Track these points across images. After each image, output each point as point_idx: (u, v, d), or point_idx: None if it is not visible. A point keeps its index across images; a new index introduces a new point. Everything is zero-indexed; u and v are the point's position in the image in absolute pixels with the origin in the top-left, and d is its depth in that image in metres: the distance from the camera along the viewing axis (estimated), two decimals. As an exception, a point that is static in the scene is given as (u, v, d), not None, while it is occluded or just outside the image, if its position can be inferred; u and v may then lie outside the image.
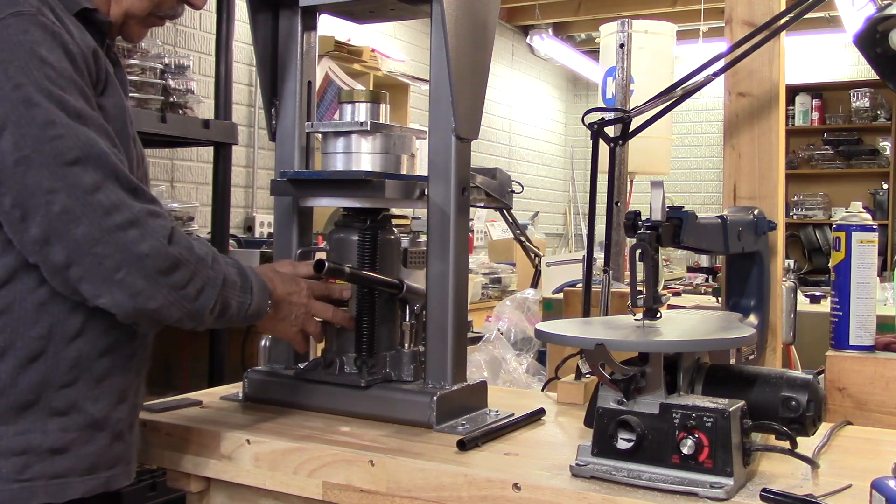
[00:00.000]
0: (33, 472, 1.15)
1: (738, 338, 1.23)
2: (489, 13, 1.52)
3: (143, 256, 1.11)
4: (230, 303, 1.24)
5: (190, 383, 3.42)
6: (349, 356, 1.51)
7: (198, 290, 1.18)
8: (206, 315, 1.22)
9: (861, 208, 1.80)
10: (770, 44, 1.62)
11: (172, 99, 3.12)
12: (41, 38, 1.11)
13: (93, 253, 1.09)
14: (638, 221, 1.27)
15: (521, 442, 1.37)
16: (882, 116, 8.23)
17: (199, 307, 1.19)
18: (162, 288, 1.14)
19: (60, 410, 1.17)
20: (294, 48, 1.62)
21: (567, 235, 9.31)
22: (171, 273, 1.14)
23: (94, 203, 1.09)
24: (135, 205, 1.12)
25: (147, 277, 1.12)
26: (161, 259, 1.12)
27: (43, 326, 1.16)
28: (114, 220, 1.10)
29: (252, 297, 1.28)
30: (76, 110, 1.11)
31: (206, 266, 1.19)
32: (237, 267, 1.28)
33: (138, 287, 1.12)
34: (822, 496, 1.08)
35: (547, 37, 8.16)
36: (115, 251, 1.10)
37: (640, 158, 2.84)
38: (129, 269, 1.11)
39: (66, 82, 1.12)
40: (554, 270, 2.76)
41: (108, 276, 1.10)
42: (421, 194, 1.49)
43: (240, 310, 1.27)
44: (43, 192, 1.08)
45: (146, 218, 1.13)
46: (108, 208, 1.10)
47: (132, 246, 1.11)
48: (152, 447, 1.43)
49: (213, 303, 1.21)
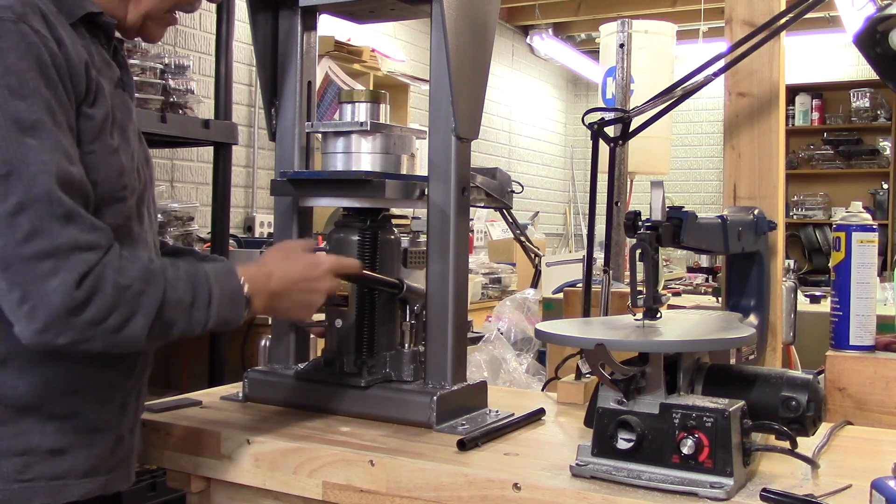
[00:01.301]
0: (34, 472, 1.15)
1: (738, 338, 1.23)
2: (489, 13, 1.52)
3: (50, 293, 1.05)
4: (174, 322, 1.15)
5: (190, 383, 3.41)
6: (349, 356, 1.51)
7: (123, 321, 1.10)
8: (142, 341, 1.13)
9: (861, 208, 1.79)
10: (770, 44, 1.62)
11: (172, 99, 3.12)
12: (13, 45, 1.07)
13: (4, 278, 1.05)
14: (638, 221, 1.27)
15: (521, 442, 1.37)
16: (882, 116, 8.23)
17: (127, 337, 1.11)
18: (72, 325, 1.06)
19: (60, 414, 1.18)
20: (294, 48, 1.62)
21: (567, 235, 9.31)
22: (82, 310, 1.06)
23: (14, 225, 1.04)
24: (59, 233, 1.06)
25: (53, 315, 1.05)
26: (69, 298, 1.05)
27: None
28: (30, 248, 1.04)
29: (209, 312, 1.19)
30: (30, 122, 1.07)
31: (132, 295, 1.10)
32: (197, 280, 1.19)
33: (42, 323, 1.05)
34: (822, 496, 1.08)
35: (547, 37, 8.15)
36: (24, 281, 1.04)
37: (640, 158, 2.83)
38: (35, 303, 1.05)
39: (30, 92, 1.08)
40: (554, 270, 2.76)
41: (16, 306, 1.05)
42: (421, 194, 1.49)
43: (191, 327, 1.18)
44: None
45: (67, 251, 1.06)
46: (28, 233, 1.04)
47: (42, 280, 1.05)
48: (152, 447, 1.43)
49: (148, 329, 1.12)
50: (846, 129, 8.37)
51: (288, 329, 1.63)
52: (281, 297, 1.31)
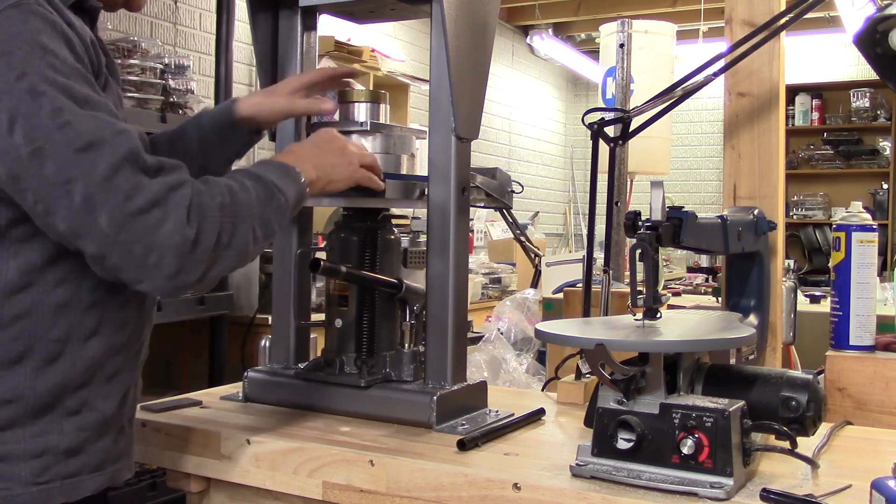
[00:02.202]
0: (51, 473, 1.15)
1: (738, 338, 1.23)
2: (489, 13, 1.52)
3: (168, 237, 1.08)
4: (268, 218, 1.21)
5: (190, 383, 3.42)
6: (349, 356, 1.51)
7: (230, 235, 1.15)
8: (252, 246, 1.19)
9: (861, 208, 1.79)
10: (770, 44, 1.62)
11: (172, 99, 3.12)
12: (41, 27, 1.09)
13: (120, 241, 1.07)
14: (638, 221, 1.27)
15: (521, 442, 1.37)
16: (882, 116, 8.23)
17: (239, 248, 1.16)
18: (197, 257, 1.11)
19: (74, 410, 1.17)
20: (294, 48, 1.62)
21: (567, 235, 9.31)
22: (199, 243, 1.11)
23: (113, 188, 1.07)
24: (153, 183, 1.09)
25: (179, 255, 1.09)
26: (186, 236, 1.09)
27: (61, 329, 1.15)
28: (135, 203, 1.07)
29: (281, 192, 1.24)
30: (83, 96, 1.09)
31: (226, 209, 1.15)
32: (254, 178, 1.23)
33: (174, 267, 1.09)
34: (822, 496, 1.08)
35: (547, 37, 8.15)
36: (142, 236, 1.07)
37: (640, 158, 2.83)
38: (160, 251, 1.08)
39: (70, 70, 1.10)
40: (554, 270, 2.76)
41: (141, 262, 1.08)
42: (421, 194, 1.49)
43: (281, 211, 1.23)
44: (61, 183, 1.06)
45: (166, 194, 1.10)
46: (128, 191, 1.07)
47: (157, 228, 1.08)
48: (152, 447, 1.43)
49: (251, 233, 1.18)
50: (846, 129, 8.37)
51: (288, 329, 1.63)
52: (317, 160, 1.34)
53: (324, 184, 1.34)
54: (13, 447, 1.12)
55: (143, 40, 3.14)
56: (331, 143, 1.38)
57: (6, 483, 1.12)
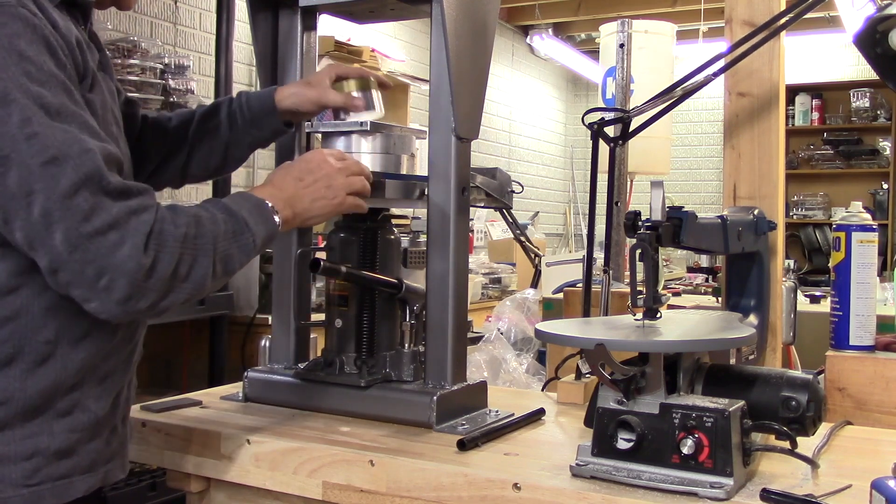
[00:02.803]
0: (42, 475, 1.14)
1: (738, 338, 1.23)
2: (489, 13, 1.52)
3: (123, 262, 1.07)
4: (231, 255, 1.20)
5: (190, 383, 3.42)
6: (349, 356, 1.51)
7: (189, 267, 1.14)
8: (209, 281, 1.17)
9: (861, 208, 1.79)
10: (770, 44, 1.62)
11: (172, 99, 3.12)
12: (21, 31, 1.07)
13: (73, 260, 1.06)
14: (638, 221, 1.27)
15: (521, 442, 1.37)
16: (882, 116, 8.23)
17: (197, 281, 1.15)
18: (150, 286, 1.10)
19: (65, 411, 1.17)
20: (294, 48, 1.62)
21: (567, 235, 9.31)
22: (154, 270, 1.10)
23: (72, 207, 1.06)
24: (114, 206, 1.08)
25: (131, 282, 1.08)
26: (141, 262, 1.08)
27: (50, 331, 1.15)
28: (92, 225, 1.06)
29: (250, 230, 1.22)
30: (56, 107, 1.08)
31: (189, 241, 1.14)
32: (226, 211, 1.22)
33: (124, 292, 1.08)
34: (822, 496, 1.08)
35: (547, 37, 8.15)
36: (95, 258, 1.06)
37: (640, 158, 2.84)
38: (112, 275, 1.07)
39: (46, 77, 1.08)
40: (554, 270, 2.76)
41: (92, 283, 1.07)
42: (421, 194, 1.49)
43: (246, 250, 1.22)
44: (23, 194, 1.05)
45: (126, 218, 1.09)
46: (87, 212, 1.06)
47: (112, 251, 1.07)
48: (152, 447, 1.43)
49: (212, 267, 1.17)
50: (846, 129, 8.37)
51: (288, 329, 1.63)
52: (296, 197, 1.32)
53: (301, 221, 1.33)
54: (3, 449, 1.12)
55: (143, 40, 3.14)
56: (317, 171, 1.34)
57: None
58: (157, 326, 3.05)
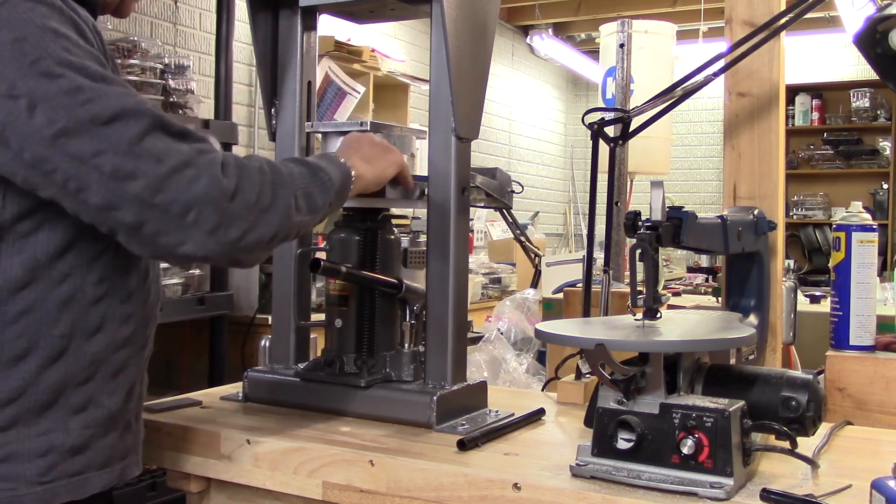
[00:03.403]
0: (56, 472, 1.14)
1: (738, 338, 1.23)
2: (489, 13, 1.52)
3: (205, 191, 1.08)
4: (311, 191, 1.22)
5: (190, 383, 3.42)
6: (349, 356, 1.51)
7: (271, 197, 1.15)
8: (295, 214, 1.19)
9: (861, 208, 1.79)
10: (770, 44, 1.62)
11: (172, 99, 3.12)
12: (49, 13, 1.10)
13: (156, 204, 1.07)
14: (638, 221, 1.27)
15: (521, 442, 1.37)
16: (882, 116, 8.23)
17: (282, 211, 1.16)
18: (236, 213, 1.11)
19: (79, 407, 1.17)
20: (294, 48, 1.62)
21: (567, 235, 9.31)
22: (236, 196, 1.11)
23: (142, 153, 1.07)
24: (182, 146, 1.10)
25: (217, 210, 1.09)
26: (223, 187, 1.10)
27: (65, 324, 1.15)
28: (167, 164, 1.08)
29: (324, 171, 1.26)
30: (100, 74, 1.10)
31: (265, 173, 1.17)
32: (295, 161, 1.27)
33: (213, 222, 1.09)
34: (822, 496, 1.08)
35: (547, 37, 8.15)
36: (178, 195, 1.07)
37: (640, 158, 2.83)
38: (198, 207, 1.08)
39: (84, 52, 1.10)
40: (554, 270, 2.76)
41: (180, 221, 1.08)
42: (421, 194, 1.49)
43: (325, 189, 1.25)
44: (90, 156, 1.06)
45: (196, 157, 1.10)
46: (158, 155, 1.08)
47: (192, 185, 1.08)
48: (152, 447, 1.43)
49: (294, 199, 1.18)
50: (846, 129, 8.37)
51: (288, 329, 1.63)
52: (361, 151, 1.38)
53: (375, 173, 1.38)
54: (17, 447, 1.12)
55: (143, 40, 3.14)
56: (366, 138, 1.42)
57: (11, 483, 1.11)
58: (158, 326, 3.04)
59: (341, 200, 1.31)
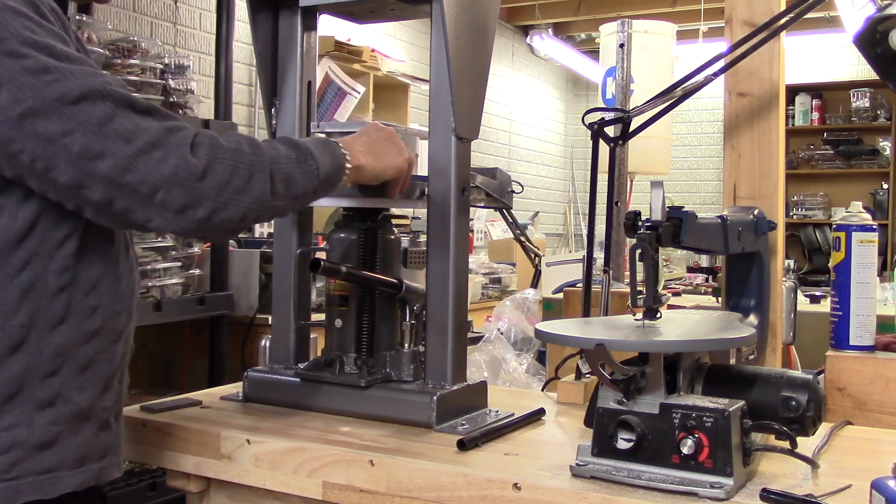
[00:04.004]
0: (20, 469, 1.12)
1: (738, 338, 1.23)
2: (489, 13, 1.52)
3: (174, 171, 1.08)
4: (293, 177, 1.21)
5: (190, 383, 3.41)
6: (349, 356, 1.51)
7: (245, 179, 1.15)
8: (270, 199, 1.17)
9: (861, 208, 1.79)
10: (770, 44, 1.62)
11: (172, 99, 3.12)
12: None
13: (125, 183, 1.08)
14: (638, 221, 1.27)
15: (521, 442, 1.37)
16: (882, 116, 8.23)
17: (255, 195, 1.16)
18: (205, 193, 1.11)
19: (46, 401, 1.15)
20: (294, 48, 1.62)
21: (567, 235, 9.31)
22: (206, 176, 1.11)
23: (111, 133, 1.07)
24: (152, 124, 1.10)
25: (186, 190, 1.09)
26: (192, 168, 1.10)
27: (24, 314, 1.13)
28: (135, 145, 1.08)
29: (315, 160, 1.24)
30: (64, 53, 1.09)
31: (242, 154, 1.16)
32: (287, 143, 1.24)
33: (181, 202, 1.09)
34: (822, 496, 1.08)
35: (547, 37, 8.15)
36: (146, 175, 1.08)
37: (640, 158, 2.83)
38: (166, 187, 1.08)
39: (45, 31, 1.10)
40: (554, 270, 2.76)
41: (149, 200, 1.09)
42: (421, 194, 1.49)
43: (309, 177, 1.23)
44: (58, 136, 1.06)
45: (165, 135, 1.10)
46: (126, 135, 1.08)
47: (160, 166, 1.08)
48: (152, 447, 1.43)
49: (270, 182, 1.17)
50: (846, 129, 8.37)
51: (288, 329, 1.63)
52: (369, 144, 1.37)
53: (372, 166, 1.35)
54: None
55: (143, 40, 3.14)
56: (377, 131, 1.40)
57: None
58: (158, 326, 3.05)
59: (329, 188, 1.29)
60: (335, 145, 1.30)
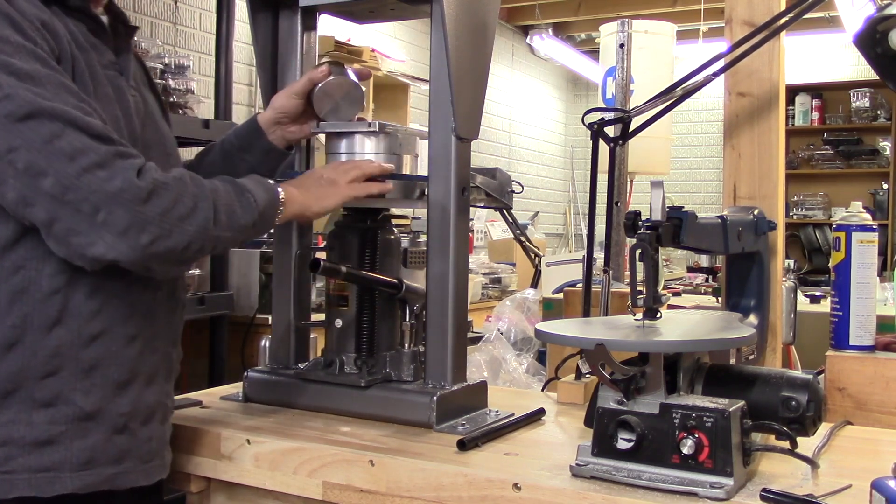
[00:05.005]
0: (16, 464, 1.13)
1: (738, 338, 1.23)
2: (489, 13, 1.52)
3: (118, 192, 1.08)
4: (234, 209, 1.20)
5: (190, 383, 3.41)
6: (349, 356, 1.51)
7: (190, 208, 1.14)
8: (213, 228, 1.17)
9: (861, 208, 1.79)
10: (770, 44, 1.62)
11: (172, 99, 3.12)
12: None
13: (67, 202, 1.07)
14: (638, 221, 1.27)
15: (521, 442, 1.37)
16: (882, 116, 8.22)
17: (199, 223, 1.15)
18: (149, 217, 1.10)
19: (45, 401, 1.15)
20: (294, 48, 1.62)
21: (567, 235, 9.31)
22: (150, 199, 1.10)
23: (55, 151, 1.07)
24: (100, 147, 1.09)
25: (129, 211, 1.08)
26: (136, 189, 1.09)
27: (16, 315, 1.15)
28: (79, 163, 1.07)
29: (249, 191, 1.24)
30: (25, 71, 1.09)
31: (185, 184, 1.15)
32: (222, 179, 1.25)
33: (123, 223, 1.08)
34: (822, 496, 1.08)
35: (547, 37, 8.15)
36: (89, 194, 1.07)
37: (640, 158, 2.83)
38: (109, 207, 1.08)
39: (12, 48, 1.10)
40: (554, 270, 2.76)
41: (90, 220, 1.08)
42: (421, 194, 1.49)
43: (249, 209, 1.23)
44: (4, 153, 1.07)
45: (113, 158, 1.09)
46: (71, 153, 1.07)
47: (104, 185, 1.08)
48: (152, 447, 1.43)
49: (213, 213, 1.17)
50: (846, 129, 8.37)
51: (288, 329, 1.63)
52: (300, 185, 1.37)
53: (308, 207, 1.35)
54: None
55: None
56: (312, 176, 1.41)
57: None
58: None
59: (268, 222, 1.28)
60: (266, 181, 1.30)
